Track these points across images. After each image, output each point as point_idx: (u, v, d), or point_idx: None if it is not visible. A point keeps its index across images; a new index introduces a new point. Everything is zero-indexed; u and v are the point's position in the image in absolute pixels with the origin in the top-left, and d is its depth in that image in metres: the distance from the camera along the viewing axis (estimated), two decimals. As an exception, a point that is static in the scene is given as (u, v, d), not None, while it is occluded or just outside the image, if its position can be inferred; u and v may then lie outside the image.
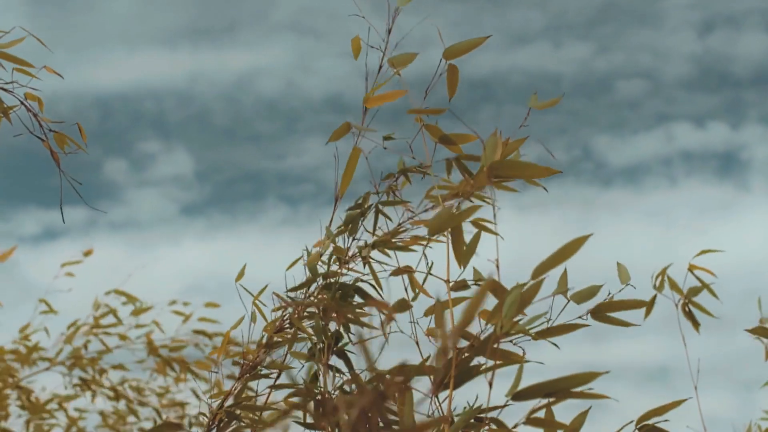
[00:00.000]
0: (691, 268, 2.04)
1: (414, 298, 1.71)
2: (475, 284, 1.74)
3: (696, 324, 1.94)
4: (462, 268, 1.64)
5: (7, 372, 3.42)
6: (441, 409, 1.58)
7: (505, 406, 1.44)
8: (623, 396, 1.42)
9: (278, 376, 1.88)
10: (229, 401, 1.84)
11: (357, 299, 1.86)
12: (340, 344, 1.86)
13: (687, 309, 1.93)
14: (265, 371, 1.88)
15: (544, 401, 1.46)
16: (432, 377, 1.60)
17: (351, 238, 1.89)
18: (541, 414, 1.49)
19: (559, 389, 1.43)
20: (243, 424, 1.84)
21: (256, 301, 1.88)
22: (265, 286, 1.91)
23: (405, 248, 1.85)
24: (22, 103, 1.99)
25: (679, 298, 1.93)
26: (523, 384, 1.44)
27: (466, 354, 1.60)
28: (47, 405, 3.49)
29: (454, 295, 1.76)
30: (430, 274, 1.68)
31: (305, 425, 1.76)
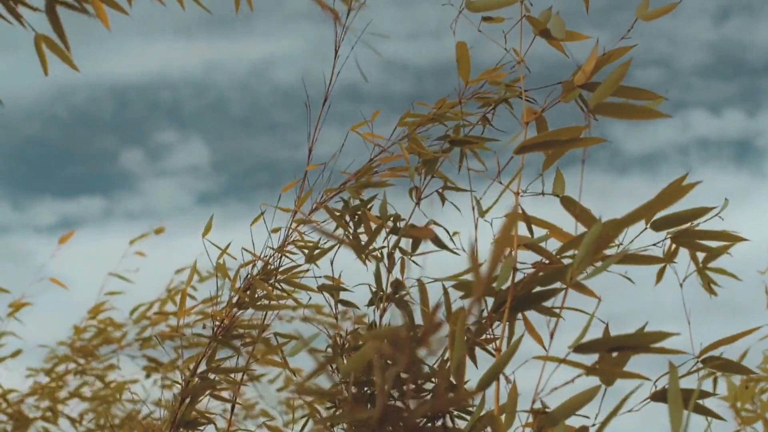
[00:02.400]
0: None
1: (483, 213, 1.57)
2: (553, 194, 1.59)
3: (712, 291, 1.79)
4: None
5: (88, 352, 3.34)
6: (493, 334, 1.47)
7: (565, 357, 1.32)
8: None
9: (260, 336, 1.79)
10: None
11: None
12: (399, 293, 1.75)
13: (705, 274, 1.78)
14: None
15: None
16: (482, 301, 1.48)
17: (428, 177, 1.74)
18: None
19: (625, 345, 1.31)
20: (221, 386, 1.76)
21: (221, 262, 1.77)
22: (229, 243, 1.81)
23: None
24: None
25: (688, 271, 1.76)
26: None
27: (529, 279, 1.48)
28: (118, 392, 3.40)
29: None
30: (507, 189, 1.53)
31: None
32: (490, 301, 1.50)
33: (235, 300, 1.76)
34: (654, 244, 1.62)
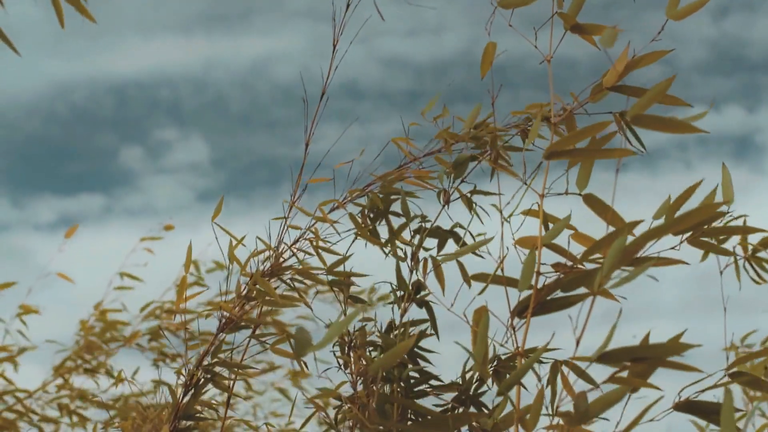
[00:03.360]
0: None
1: (509, 216, 1.56)
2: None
3: (762, 279, 1.78)
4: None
5: (92, 348, 3.31)
6: (515, 338, 1.47)
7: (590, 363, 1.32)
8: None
9: (254, 329, 1.78)
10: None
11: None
12: (421, 294, 1.74)
13: (752, 262, 1.77)
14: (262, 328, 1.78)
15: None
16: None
17: (457, 181, 1.73)
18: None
19: (648, 355, 1.31)
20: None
21: (234, 254, 1.76)
22: (244, 236, 1.80)
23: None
24: None
25: (728, 260, 1.74)
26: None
27: (554, 281, 1.48)
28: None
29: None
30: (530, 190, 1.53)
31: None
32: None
33: (244, 292, 1.75)
34: (672, 248, 1.62)
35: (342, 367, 1.70)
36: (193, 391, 1.75)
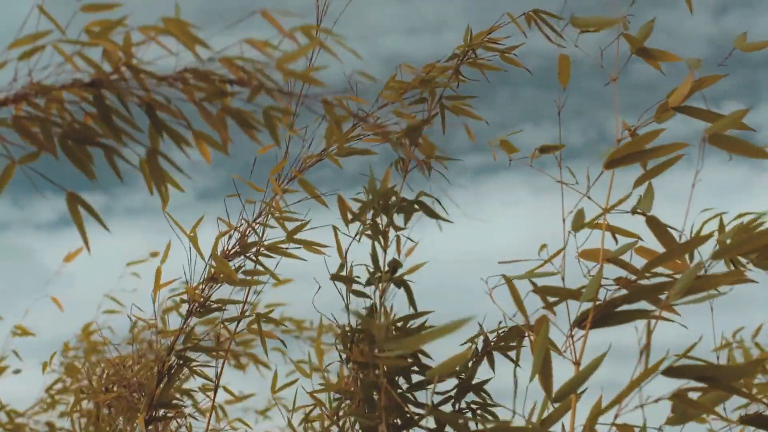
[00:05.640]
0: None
1: (578, 228, 1.56)
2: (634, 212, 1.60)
3: None
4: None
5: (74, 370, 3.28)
6: (574, 348, 1.49)
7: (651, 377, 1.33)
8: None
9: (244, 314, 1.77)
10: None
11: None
12: (398, 273, 1.66)
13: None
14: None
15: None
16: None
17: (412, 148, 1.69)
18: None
19: (714, 375, 1.33)
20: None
21: (193, 237, 1.75)
22: (201, 217, 1.80)
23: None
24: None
25: None
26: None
27: (617, 293, 1.50)
28: None
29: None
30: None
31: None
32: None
33: (208, 275, 1.74)
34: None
35: (344, 361, 1.66)
36: (167, 378, 1.72)
